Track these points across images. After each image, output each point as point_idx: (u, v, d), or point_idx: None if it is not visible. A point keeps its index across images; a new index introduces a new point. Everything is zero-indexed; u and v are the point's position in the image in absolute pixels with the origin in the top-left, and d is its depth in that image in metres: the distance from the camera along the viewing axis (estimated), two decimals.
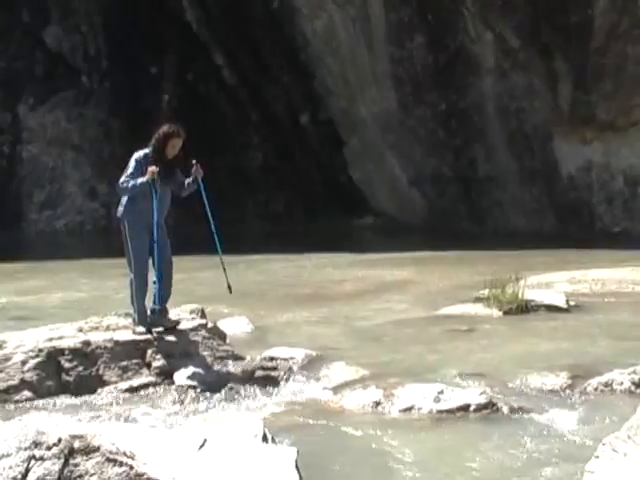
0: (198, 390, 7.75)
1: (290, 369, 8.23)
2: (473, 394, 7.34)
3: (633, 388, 7.50)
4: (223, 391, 7.78)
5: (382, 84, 22.25)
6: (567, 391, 7.63)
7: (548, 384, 7.76)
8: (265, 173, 23.72)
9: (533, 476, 5.75)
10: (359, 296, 12.30)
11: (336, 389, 7.74)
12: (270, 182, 23.56)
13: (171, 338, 8.51)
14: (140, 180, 8.17)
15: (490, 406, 7.17)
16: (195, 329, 8.74)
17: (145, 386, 7.97)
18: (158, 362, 8.26)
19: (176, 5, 24.04)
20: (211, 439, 5.51)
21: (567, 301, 11.27)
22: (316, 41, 22.67)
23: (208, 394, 7.69)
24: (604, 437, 5.43)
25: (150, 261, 8.46)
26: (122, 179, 8.28)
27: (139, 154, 8.40)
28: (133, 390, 7.93)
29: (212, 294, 12.79)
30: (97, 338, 8.37)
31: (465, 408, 7.14)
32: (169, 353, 8.38)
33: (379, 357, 8.64)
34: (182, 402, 7.53)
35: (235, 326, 10.11)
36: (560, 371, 7.97)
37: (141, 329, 8.42)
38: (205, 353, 8.47)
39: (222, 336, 9.08)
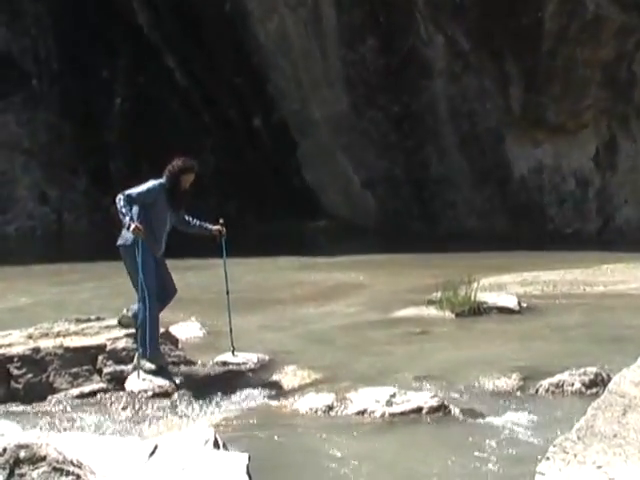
0: (149, 396, 7.68)
1: (242, 374, 8.19)
2: (425, 397, 7.36)
3: (583, 389, 7.55)
4: (175, 397, 7.72)
5: (334, 86, 22.25)
6: (519, 393, 7.68)
7: (500, 386, 7.80)
8: (217, 176, 23.59)
9: (484, 478, 5.76)
10: (312, 300, 12.26)
11: (289, 393, 7.71)
12: (222, 185, 23.46)
13: (122, 344, 8.43)
14: (127, 222, 7.88)
15: (442, 409, 7.18)
16: None
17: (96, 393, 7.90)
18: (109, 368, 8.19)
19: (127, 8, 23.87)
20: (162, 446, 5.46)
21: (519, 303, 11.35)
22: (268, 43, 22.62)
23: (159, 400, 7.62)
24: (555, 438, 5.46)
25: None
26: (130, 191, 8.05)
27: (155, 182, 8.27)
28: (84, 397, 7.86)
29: None
30: (47, 345, 8.27)
31: (417, 411, 7.15)
32: (120, 359, 8.30)
33: (332, 361, 8.63)
34: (133, 408, 7.46)
35: (187, 331, 10.05)
36: (512, 373, 8.02)
37: (150, 366, 8.10)
38: None
39: (174, 341, 9.02)
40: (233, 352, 8.45)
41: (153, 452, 5.33)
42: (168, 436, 5.90)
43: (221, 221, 8.64)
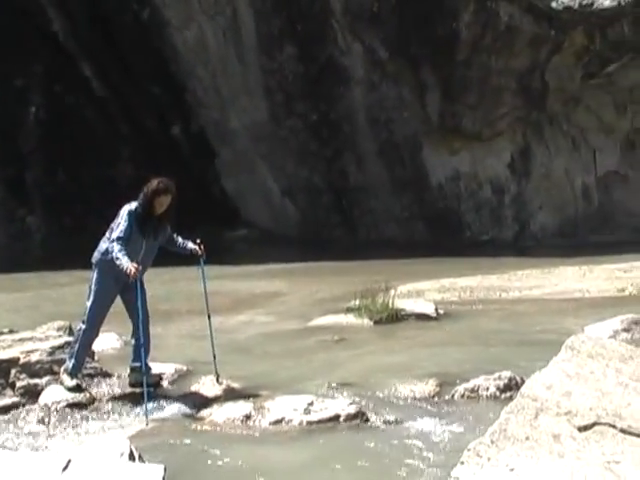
0: (64, 409, 7.56)
1: (159, 385, 8.12)
2: (343, 404, 7.38)
3: (498, 393, 7.66)
4: (90, 409, 7.62)
5: (253, 95, 22.24)
6: (435, 398, 7.75)
7: (417, 392, 7.86)
8: (136, 185, 23.38)
9: None
10: (230, 309, 12.20)
11: (206, 404, 7.67)
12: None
13: (36, 357, 8.30)
14: (123, 265, 7.60)
15: (360, 416, 7.21)
16: (62, 347, 8.54)
17: (9, 407, 7.74)
18: (22, 382, 8.05)
19: (41, 15, 23.53)
20: (76, 459, 5.38)
21: (436, 309, 11.47)
22: (186, 52, 22.51)
23: (74, 413, 7.51)
24: (470, 442, 5.52)
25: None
26: (119, 234, 7.75)
27: (130, 207, 7.93)
28: None
29: (80, 311, 12.54)
30: None
31: (335, 419, 7.16)
32: (34, 372, 8.17)
33: (250, 370, 8.60)
34: (47, 422, 7.34)
35: (104, 342, 9.90)
36: (428, 379, 8.09)
37: (71, 383, 7.89)
38: None
39: (90, 353, 8.90)
40: (217, 379, 8.10)
41: (67, 466, 5.26)
42: (82, 449, 5.83)
43: (198, 241, 8.26)
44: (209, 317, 8.36)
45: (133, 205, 7.96)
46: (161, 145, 23.34)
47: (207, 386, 8.00)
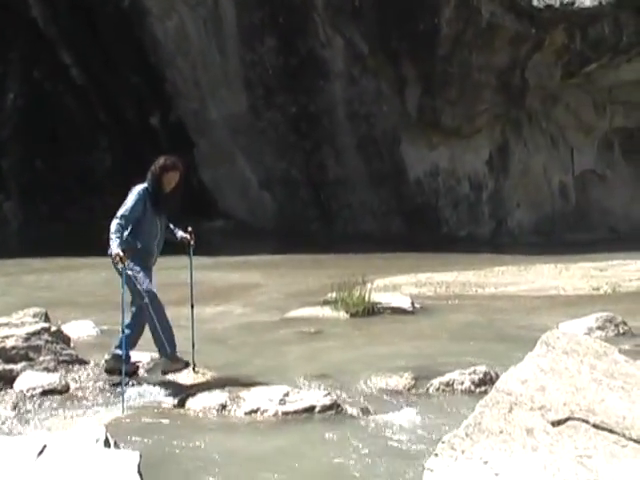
0: (39, 395, 7.54)
1: (136, 372, 8.11)
2: (318, 395, 7.40)
3: (473, 387, 7.70)
4: (66, 396, 7.60)
5: (233, 86, 22.22)
6: (410, 391, 7.78)
7: (392, 385, 7.89)
8: (114, 174, 23.34)
9: (374, 475, 5.82)
10: (206, 300, 12.17)
11: (182, 392, 7.67)
12: (119, 183, 23.19)
13: (12, 343, 8.28)
14: (113, 247, 7.53)
15: (335, 407, 7.23)
16: (37, 333, 8.51)
17: None
18: None
19: (20, 1, 23.39)
20: (51, 445, 5.38)
21: (412, 303, 11.51)
22: (167, 42, 22.45)
23: (50, 399, 7.50)
24: (444, 435, 5.56)
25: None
26: (122, 212, 7.69)
27: (139, 188, 7.83)
28: None
29: (57, 297, 12.54)
30: None
31: (310, 409, 7.18)
32: (9, 358, 8.15)
33: (225, 360, 8.61)
34: (22, 408, 7.32)
35: (80, 330, 9.90)
36: (404, 372, 8.12)
37: (177, 365, 7.85)
38: (48, 357, 8.28)
39: (66, 340, 8.89)
40: (194, 368, 8.09)
41: (42, 451, 5.25)
42: (58, 435, 5.82)
43: (189, 229, 8.24)
44: (192, 307, 8.37)
45: (141, 186, 7.87)
46: (139, 135, 23.28)
47: (183, 375, 8.00)
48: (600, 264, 15.38)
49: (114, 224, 7.67)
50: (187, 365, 7.89)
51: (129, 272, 7.71)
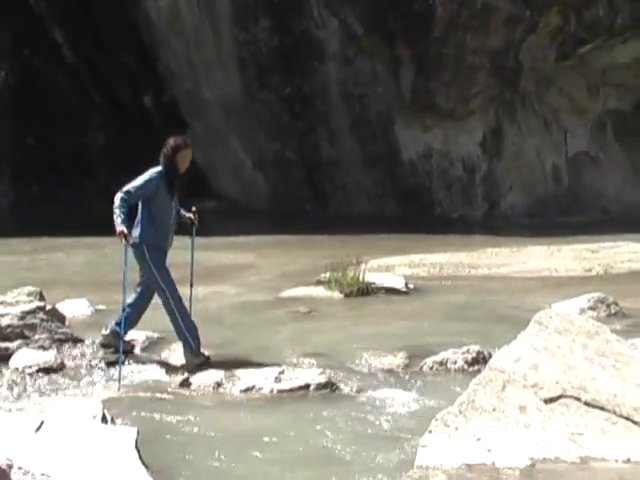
0: (35, 373, 7.60)
1: (131, 351, 8.17)
2: (313, 374, 7.47)
3: (466, 367, 7.78)
4: (61, 373, 7.66)
5: (227, 67, 22.16)
6: (404, 370, 7.85)
7: (386, 364, 7.97)
8: (106, 154, 23.31)
9: (369, 451, 5.89)
10: (200, 279, 12.14)
11: (177, 370, 7.73)
12: (111, 163, 23.17)
13: (7, 321, 8.33)
14: (117, 223, 7.53)
15: (330, 385, 7.31)
16: (33, 311, 8.57)
17: None
18: None
19: None
20: (49, 421, 5.43)
21: (406, 284, 11.56)
22: (160, 21, 22.37)
23: (46, 377, 7.56)
24: (438, 413, 5.63)
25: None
26: (129, 187, 7.71)
27: (154, 170, 7.86)
28: None
29: (50, 276, 12.57)
30: None
31: (305, 387, 7.26)
32: (5, 336, 8.20)
33: (221, 339, 8.67)
34: (19, 385, 7.37)
35: (75, 308, 9.95)
36: (398, 351, 8.19)
37: (198, 360, 7.77)
38: (43, 336, 8.33)
39: (61, 318, 8.94)
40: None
41: (40, 427, 5.31)
42: (55, 411, 5.87)
43: (193, 209, 8.29)
44: (191, 286, 8.40)
45: (157, 169, 7.89)
46: (132, 115, 23.23)
47: (178, 353, 8.05)
48: (592, 246, 15.44)
49: (118, 197, 7.69)
50: (208, 359, 7.80)
51: (149, 262, 7.75)
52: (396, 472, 5.42)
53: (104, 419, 5.66)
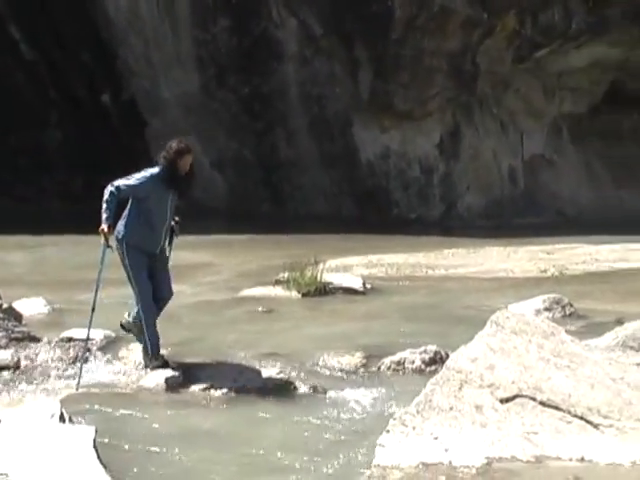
0: None
1: (88, 350, 8.14)
2: (271, 373, 7.51)
3: (423, 367, 7.84)
4: (18, 372, 7.62)
5: (185, 66, 22.10)
6: (362, 370, 7.91)
7: (344, 363, 8.01)
8: (64, 151, 23.16)
9: (325, 451, 5.93)
10: None
11: (135, 369, 7.72)
12: (69, 160, 23.03)
13: None
14: (103, 219, 7.48)
15: (288, 385, 7.34)
16: None
17: None
18: None
19: None
20: (6, 420, 5.42)
21: (364, 284, 11.62)
22: (119, 19, 22.25)
23: (3, 376, 7.51)
24: (395, 412, 5.68)
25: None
26: (119, 183, 7.59)
27: (147, 173, 7.75)
28: None
29: (5, 275, 12.46)
30: None
31: (263, 387, 7.28)
32: None
33: (179, 338, 8.66)
34: None
35: (32, 307, 9.89)
36: (356, 351, 8.24)
37: (156, 363, 7.66)
38: (0, 334, 8.27)
39: (18, 317, 8.89)
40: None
41: None
42: (12, 410, 5.85)
43: (177, 219, 8.16)
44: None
45: (153, 170, 7.79)
46: (91, 112, 23.09)
47: (135, 352, 8.03)
48: (547, 247, 15.61)
49: (107, 191, 7.57)
50: (166, 363, 7.70)
51: (127, 261, 7.67)
52: (354, 471, 5.46)
53: (62, 418, 5.65)
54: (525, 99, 21.90)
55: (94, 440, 5.23)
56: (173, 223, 8.07)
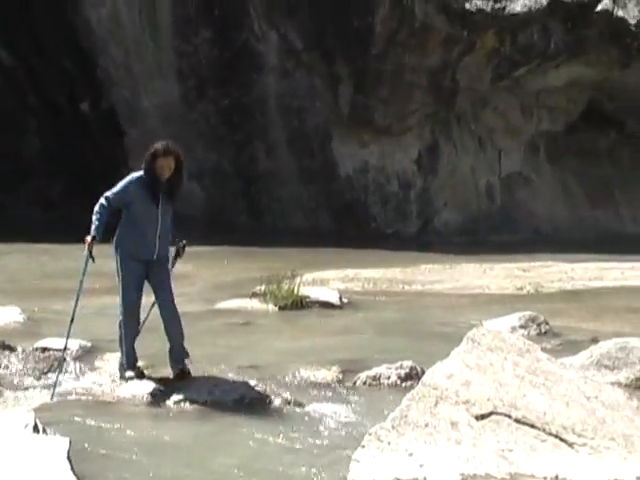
0: None
1: (64, 360, 8.09)
2: (247, 387, 7.48)
3: (399, 382, 7.85)
4: None
5: (166, 76, 22.10)
6: (337, 385, 7.91)
7: (320, 378, 8.01)
8: (42, 158, 23.07)
9: (299, 466, 5.92)
10: None
11: (110, 380, 7.69)
12: (47, 168, 22.94)
13: None
14: (91, 227, 7.43)
15: (263, 399, 7.33)
16: None
17: None
18: None
19: None
20: None
21: (340, 298, 11.64)
22: (100, 28, 22.23)
23: None
24: (371, 428, 5.69)
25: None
26: (109, 193, 7.50)
27: (135, 175, 7.57)
28: None
29: None
30: None
31: (239, 400, 7.26)
32: None
33: (155, 350, 8.59)
34: None
35: (6, 316, 9.83)
36: (331, 365, 8.24)
37: (129, 374, 7.59)
38: None
39: None
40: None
41: None
42: None
43: (184, 242, 7.91)
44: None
45: (137, 174, 7.61)
46: (70, 120, 23.03)
47: (111, 363, 8.01)
48: (523, 265, 15.69)
49: (98, 203, 7.52)
50: (142, 375, 7.66)
51: (119, 269, 7.59)
52: None
53: (36, 429, 5.62)
54: (503, 117, 22.05)
55: (68, 451, 5.20)
56: (181, 244, 7.88)
